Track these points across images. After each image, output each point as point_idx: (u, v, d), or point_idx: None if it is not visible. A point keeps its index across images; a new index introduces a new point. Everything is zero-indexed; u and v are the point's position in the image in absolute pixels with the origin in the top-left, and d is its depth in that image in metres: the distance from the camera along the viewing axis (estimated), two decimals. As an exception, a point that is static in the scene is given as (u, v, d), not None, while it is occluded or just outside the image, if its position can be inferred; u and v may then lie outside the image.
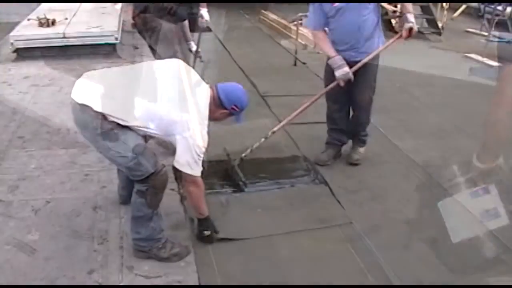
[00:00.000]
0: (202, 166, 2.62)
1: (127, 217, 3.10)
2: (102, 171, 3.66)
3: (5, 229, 2.97)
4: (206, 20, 4.33)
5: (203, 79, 2.81)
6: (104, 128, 2.43)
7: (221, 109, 2.69)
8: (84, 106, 2.43)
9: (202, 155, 2.53)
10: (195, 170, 2.55)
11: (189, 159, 2.50)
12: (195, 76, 2.71)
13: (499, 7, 8.12)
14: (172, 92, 2.51)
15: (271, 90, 5.63)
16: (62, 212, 3.17)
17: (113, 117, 2.42)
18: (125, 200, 3.09)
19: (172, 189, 3.47)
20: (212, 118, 2.64)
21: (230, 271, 2.76)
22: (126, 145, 2.47)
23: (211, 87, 2.70)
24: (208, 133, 2.57)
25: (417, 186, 3.76)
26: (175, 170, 3.67)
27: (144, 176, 2.54)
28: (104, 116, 2.41)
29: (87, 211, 3.19)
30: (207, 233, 2.87)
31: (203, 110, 2.55)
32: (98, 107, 2.40)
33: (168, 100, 2.48)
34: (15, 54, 6.36)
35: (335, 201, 3.49)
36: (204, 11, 4.32)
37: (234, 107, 2.68)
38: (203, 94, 2.61)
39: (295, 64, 6.71)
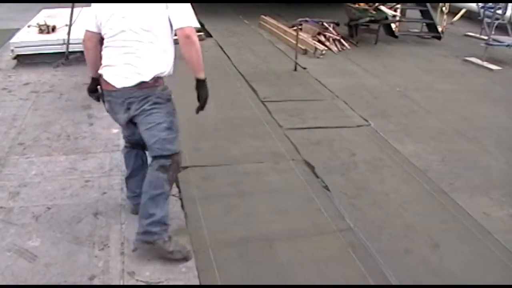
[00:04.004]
0: None
1: (128, 223, 3.12)
2: (102, 177, 3.66)
3: (6, 236, 2.97)
4: None
5: None
6: (165, 96, 2.76)
7: None
8: (137, 85, 2.67)
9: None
10: (194, 20, 2.73)
11: (186, 13, 2.67)
12: None
13: (499, 11, 8.13)
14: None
15: (271, 96, 5.63)
16: (62, 218, 3.17)
17: (164, 72, 2.73)
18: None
19: (173, 195, 3.48)
20: None
21: (231, 276, 2.76)
22: (176, 119, 2.84)
23: None
24: None
25: (417, 190, 3.76)
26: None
27: (173, 152, 2.81)
28: (160, 81, 2.73)
29: (88, 217, 3.20)
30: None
31: None
32: (150, 75, 2.67)
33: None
34: (15, 61, 6.38)
35: (336, 206, 3.48)
36: None
37: None
38: None
39: (295, 69, 6.73)
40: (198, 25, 2.74)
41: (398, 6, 9.29)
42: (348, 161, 4.17)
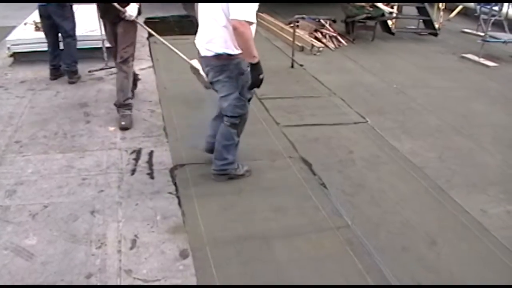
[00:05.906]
0: None
1: (125, 220, 3.13)
2: (99, 175, 3.66)
3: (2, 234, 2.97)
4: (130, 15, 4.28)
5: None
6: (238, 70, 3.27)
7: None
8: (213, 56, 3.22)
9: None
10: (251, 14, 2.97)
11: (238, 6, 2.94)
12: None
13: (495, 8, 8.14)
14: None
15: (269, 93, 5.62)
16: (59, 217, 3.16)
17: (234, 52, 3.20)
18: (211, 148, 3.74)
19: (170, 193, 3.48)
20: None
21: (228, 274, 2.76)
22: (246, 88, 3.36)
23: None
24: None
25: (415, 187, 3.76)
26: (171, 172, 3.70)
27: (241, 114, 3.46)
28: (235, 56, 3.20)
29: (85, 215, 3.19)
30: (262, 76, 3.26)
31: None
32: (222, 51, 3.18)
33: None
34: (11, 59, 6.36)
35: (333, 203, 3.49)
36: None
37: None
38: None
39: (292, 66, 6.72)
40: (251, 20, 2.94)
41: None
42: (345, 158, 4.17)
